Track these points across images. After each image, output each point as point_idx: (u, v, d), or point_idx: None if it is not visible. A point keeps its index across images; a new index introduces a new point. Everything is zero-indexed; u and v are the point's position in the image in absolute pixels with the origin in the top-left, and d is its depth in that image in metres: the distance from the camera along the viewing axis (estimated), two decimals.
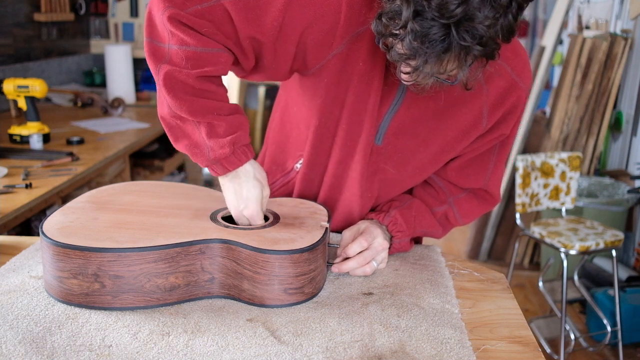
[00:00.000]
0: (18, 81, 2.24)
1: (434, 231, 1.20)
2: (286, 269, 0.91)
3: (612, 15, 3.54)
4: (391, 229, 1.12)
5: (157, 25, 0.96)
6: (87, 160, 2.08)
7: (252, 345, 0.83)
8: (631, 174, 3.14)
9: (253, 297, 0.93)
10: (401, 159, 1.11)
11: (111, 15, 3.85)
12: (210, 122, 0.98)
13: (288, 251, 0.91)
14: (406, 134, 1.09)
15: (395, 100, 1.06)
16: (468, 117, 1.07)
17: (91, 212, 1.01)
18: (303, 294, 0.95)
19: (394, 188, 1.17)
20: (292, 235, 0.97)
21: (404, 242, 1.14)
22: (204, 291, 0.94)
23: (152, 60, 0.96)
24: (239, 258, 0.92)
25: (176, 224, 0.97)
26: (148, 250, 0.88)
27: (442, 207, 1.20)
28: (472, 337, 0.88)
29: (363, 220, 1.13)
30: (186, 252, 0.91)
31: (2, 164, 1.97)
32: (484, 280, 1.08)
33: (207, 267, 0.93)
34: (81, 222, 0.96)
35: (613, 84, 3.27)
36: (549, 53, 3.63)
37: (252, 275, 0.92)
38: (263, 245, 0.92)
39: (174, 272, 0.91)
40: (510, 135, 1.14)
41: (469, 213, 1.21)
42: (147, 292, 0.90)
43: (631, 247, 3.13)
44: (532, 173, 2.75)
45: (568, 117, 3.39)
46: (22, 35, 3.05)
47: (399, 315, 0.92)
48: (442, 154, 1.12)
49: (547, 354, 2.69)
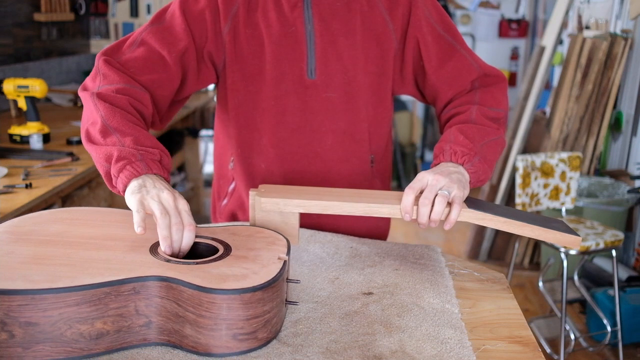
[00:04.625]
0: (18, 81, 2.24)
1: (493, 130, 1.16)
2: (235, 311, 0.78)
3: (612, 15, 3.54)
4: (448, 156, 1.09)
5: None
6: (87, 160, 2.07)
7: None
8: (631, 174, 3.14)
9: (197, 345, 0.79)
10: (338, 82, 1.21)
11: (111, 15, 3.85)
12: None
13: (238, 290, 0.78)
14: (331, 59, 1.20)
15: (308, 35, 1.19)
16: (375, 26, 1.21)
17: (6, 244, 0.86)
18: (256, 339, 0.81)
19: (350, 113, 1.24)
20: (243, 271, 0.83)
21: (475, 162, 1.09)
22: (139, 338, 0.80)
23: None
24: (180, 298, 0.78)
25: (108, 259, 0.84)
26: (69, 292, 0.74)
27: (473, 109, 1.19)
28: (472, 337, 0.88)
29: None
30: (117, 292, 0.77)
31: (2, 164, 1.97)
32: (484, 280, 1.08)
33: (142, 310, 0.79)
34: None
35: (613, 84, 3.27)
36: (549, 53, 3.63)
37: (196, 318, 0.78)
38: (209, 283, 0.78)
39: (101, 316, 0.77)
40: (435, 22, 1.23)
41: (495, 98, 1.23)
42: (68, 342, 0.76)
43: (631, 247, 3.13)
44: (532, 173, 2.75)
45: (568, 117, 3.39)
46: (22, 35, 3.05)
47: (399, 315, 0.92)
48: (371, 65, 1.22)
49: (547, 354, 2.69)
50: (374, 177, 1.32)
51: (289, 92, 1.21)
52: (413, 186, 1.02)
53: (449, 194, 1.01)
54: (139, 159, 0.97)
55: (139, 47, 1.15)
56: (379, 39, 1.22)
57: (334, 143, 1.25)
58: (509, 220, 1.01)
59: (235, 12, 1.18)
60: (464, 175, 1.06)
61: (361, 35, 1.21)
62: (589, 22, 3.81)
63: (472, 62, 1.24)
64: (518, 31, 5.61)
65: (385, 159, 1.36)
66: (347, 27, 1.20)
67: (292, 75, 1.20)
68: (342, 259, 1.12)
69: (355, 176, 1.28)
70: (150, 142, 1.02)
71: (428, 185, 1.02)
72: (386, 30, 1.22)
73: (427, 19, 1.22)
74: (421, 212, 1.00)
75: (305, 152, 1.25)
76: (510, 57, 5.68)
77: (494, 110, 1.20)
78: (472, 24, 5.59)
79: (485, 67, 1.26)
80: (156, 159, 1.00)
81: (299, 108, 1.22)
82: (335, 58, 1.20)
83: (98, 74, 1.12)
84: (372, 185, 1.32)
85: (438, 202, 1.00)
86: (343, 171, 1.27)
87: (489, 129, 1.16)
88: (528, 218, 1.05)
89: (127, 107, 1.07)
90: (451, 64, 1.23)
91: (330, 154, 1.26)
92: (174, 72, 1.16)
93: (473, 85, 1.25)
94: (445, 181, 1.02)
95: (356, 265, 1.10)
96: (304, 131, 1.24)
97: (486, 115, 1.19)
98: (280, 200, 1.04)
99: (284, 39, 1.18)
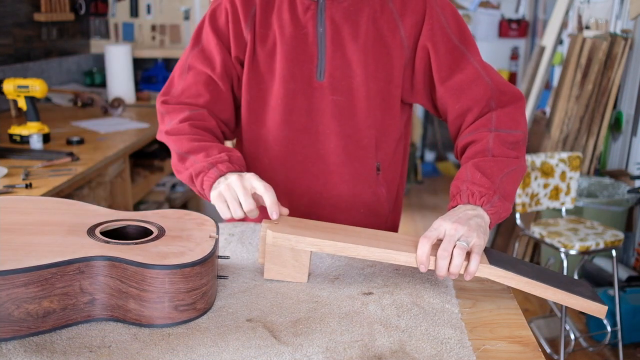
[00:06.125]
0: (18, 81, 2.24)
1: (511, 161, 1.11)
2: (177, 284, 0.85)
3: (612, 15, 3.54)
4: (465, 197, 1.04)
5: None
6: (87, 160, 2.07)
7: (252, 346, 0.83)
8: (631, 174, 3.14)
9: (140, 317, 0.86)
10: (346, 86, 1.21)
11: (111, 15, 3.85)
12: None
13: (179, 265, 0.85)
14: (339, 62, 1.21)
15: (320, 38, 1.20)
16: (386, 33, 1.20)
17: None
18: (195, 309, 0.89)
19: (356, 118, 1.23)
20: (180, 249, 0.90)
21: (495, 201, 1.04)
22: (84, 314, 0.86)
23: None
24: (124, 275, 0.85)
25: (48, 242, 0.87)
26: (17, 273, 0.78)
27: (489, 137, 1.14)
28: (472, 337, 0.88)
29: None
30: (62, 272, 0.82)
31: (2, 164, 1.97)
32: (484, 280, 1.08)
33: (86, 288, 0.84)
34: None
35: (613, 84, 3.27)
36: (549, 53, 3.63)
37: (139, 293, 0.85)
38: (151, 260, 0.85)
39: (48, 295, 0.81)
40: (451, 31, 1.20)
41: (513, 120, 1.16)
42: (16, 321, 0.79)
43: (631, 247, 3.13)
44: (532, 173, 2.75)
45: (568, 117, 3.39)
46: (22, 35, 3.05)
47: (398, 315, 0.92)
48: (380, 71, 1.21)
49: (547, 354, 2.69)
50: (379, 184, 1.30)
51: (297, 92, 1.22)
52: (429, 235, 0.98)
53: (468, 245, 0.97)
54: (210, 167, 1.10)
55: (188, 73, 1.26)
56: (389, 46, 1.20)
57: (338, 146, 1.24)
58: (531, 282, 0.97)
59: (253, 13, 1.22)
60: (484, 219, 1.02)
61: (371, 42, 1.19)
62: (589, 22, 3.81)
63: (484, 76, 1.19)
64: (518, 31, 5.61)
65: (394, 166, 1.33)
66: (358, 32, 1.19)
67: (302, 76, 1.21)
68: (342, 259, 1.12)
69: (358, 181, 1.27)
70: (218, 149, 1.14)
71: (446, 235, 0.97)
72: (397, 37, 1.20)
73: (442, 28, 1.19)
74: (439, 265, 0.96)
75: (309, 152, 1.25)
76: (510, 57, 5.68)
77: (512, 133, 1.15)
78: (472, 24, 5.59)
79: (500, 83, 1.20)
80: (225, 160, 1.11)
81: (306, 109, 1.23)
82: (344, 62, 1.20)
83: (162, 116, 1.26)
84: (377, 192, 1.30)
85: (457, 255, 0.95)
86: (345, 175, 1.26)
87: (508, 160, 1.11)
88: (552, 279, 1.01)
89: (190, 130, 1.19)
90: (460, 76, 1.19)
91: (333, 157, 1.25)
92: (223, 86, 1.25)
93: (489, 106, 1.19)
94: (463, 230, 0.97)
95: (356, 265, 1.10)
96: (309, 132, 1.24)
97: (504, 141, 1.13)
98: (293, 237, 1.00)
99: (296, 41, 1.20)
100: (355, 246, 0.99)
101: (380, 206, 1.32)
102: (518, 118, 1.17)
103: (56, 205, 1.03)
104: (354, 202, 1.29)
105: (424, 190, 5.17)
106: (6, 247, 0.84)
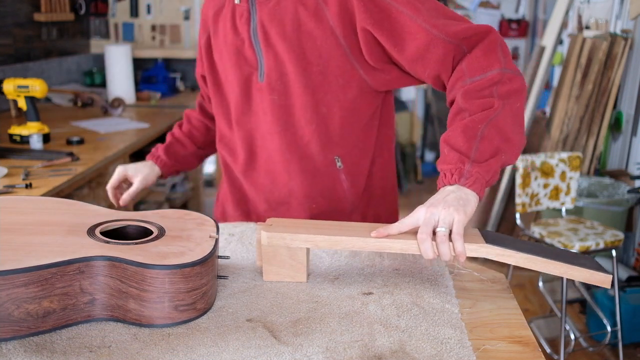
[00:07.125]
0: (18, 81, 2.24)
1: (486, 113, 1.02)
2: (177, 284, 0.85)
3: (612, 15, 3.54)
4: (442, 180, 1.01)
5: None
6: (87, 160, 2.07)
7: (252, 346, 0.83)
8: (631, 174, 3.14)
9: (140, 317, 0.86)
10: (281, 85, 1.24)
11: (111, 15, 3.85)
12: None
13: (179, 265, 0.85)
14: (273, 63, 1.23)
15: (255, 42, 1.24)
16: (310, 20, 1.18)
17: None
18: (195, 310, 0.89)
19: (294, 115, 1.25)
20: (180, 248, 0.90)
21: (467, 171, 0.99)
22: (84, 314, 0.86)
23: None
24: (124, 276, 0.85)
25: (48, 242, 0.87)
26: (17, 273, 0.78)
27: (459, 95, 1.07)
28: (472, 337, 0.88)
29: None
30: (62, 272, 0.82)
31: (2, 164, 1.97)
32: (484, 280, 1.08)
33: (86, 288, 0.84)
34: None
35: (613, 84, 3.27)
36: (549, 53, 3.63)
37: (139, 293, 0.85)
38: (151, 260, 0.85)
39: (48, 295, 0.81)
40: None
41: (482, 62, 1.07)
42: (16, 321, 0.79)
43: (631, 247, 3.13)
44: (532, 173, 2.75)
45: (568, 117, 3.39)
46: (22, 35, 3.05)
47: (398, 315, 0.92)
48: (312, 63, 1.21)
49: (547, 354, 2.69)
50: (339, 178, 1.29)
51: (244, 96, 1.30)
52: (405, 222, 0.98)
53: (446, 228, 0.94)
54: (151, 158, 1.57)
55: (199, 81, 1.47)
56: (316, 38, 1.18)
57: (282, 144, 1.27)
58: (530, 257, 0.95)
59: (209, 24, 1.34)
60: (464, 191, 0.98)
61: (298, 37, 1.19)
62: (589, 22, 3.81)
63: (437, 34, 1.08)
64: (518, 31, 5.61)
65: (362, 157, 1.30)
66: (284, 30, 1.20)
67: (247, 80, 1.28)
68: (342, 259, 1.12)
69: (309, 175, 1.29)
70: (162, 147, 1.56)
71: (423, 220, 0.96)
72: (326, 27, 1.17)
73: (374, 0, 1.12)
74: (422, 249, 0.95)
75: (260, 152, 1.32)
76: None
77: (485, 76, 1.05)
78: None
79: (459, 32, 1.08)
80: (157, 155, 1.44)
81: (253, 111, 1.30)
82: (277, 62, 1.23)
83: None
84: (336, 186, 1.29)
85: (440, 243, 0.94)
86: (293, 172, 1.29)
87: (483, 113, 1.03)
88: (553, 254, 0.98)
89: (179, 133, 1.60)
90: (414, 44, 1.11)
91: (278, 156, 1.29)
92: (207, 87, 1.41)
93: (458, 59, 1.10)
94: (438, 211, 0.95)
95: (356, 265, 1.10)
96: (257, 133, 1.31)
97: (474, 92, 1.05)
98: (287, 235, 1.00)
99: (236, 47, 1.27)
100: (349, 238, 0.98)
101: (344, 199, 1.31)
102: (489, 57, 1.07)
103: (56, 205, 1.04)
104: (311, 197, 1.30)
105: (424, 190, 5.17)
106: (6, 247, 0.84)
